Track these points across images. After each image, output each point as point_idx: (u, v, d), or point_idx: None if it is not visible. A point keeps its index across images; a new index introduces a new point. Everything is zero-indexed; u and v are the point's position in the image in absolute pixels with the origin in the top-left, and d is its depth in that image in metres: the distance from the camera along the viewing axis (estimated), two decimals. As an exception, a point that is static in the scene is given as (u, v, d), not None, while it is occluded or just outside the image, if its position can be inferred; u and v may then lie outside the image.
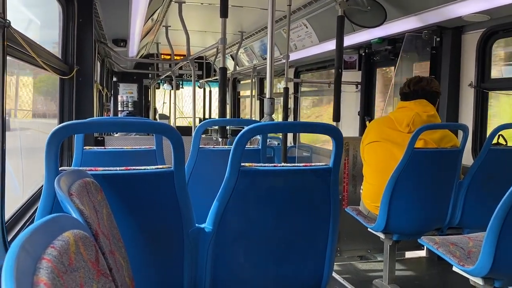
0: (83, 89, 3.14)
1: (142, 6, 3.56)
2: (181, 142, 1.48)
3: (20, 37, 1.79)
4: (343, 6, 3.35)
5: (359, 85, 4.95)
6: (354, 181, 3.49)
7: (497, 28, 3.28)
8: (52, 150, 1.31)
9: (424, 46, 3.74)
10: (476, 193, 2.74)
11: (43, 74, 3.35)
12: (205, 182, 2.41)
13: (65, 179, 1.07)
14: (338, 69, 3.42)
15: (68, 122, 1.38)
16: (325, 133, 1.71)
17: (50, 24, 3.17)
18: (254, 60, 7.28)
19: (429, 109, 2.78)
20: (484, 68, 3.44)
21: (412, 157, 2.49)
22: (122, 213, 1.44)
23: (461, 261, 1.99)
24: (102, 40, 5.30)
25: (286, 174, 1.63)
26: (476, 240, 2.19)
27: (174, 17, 4.99)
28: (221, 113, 3.45)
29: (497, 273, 1.85)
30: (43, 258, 0.59)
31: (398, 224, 2.64)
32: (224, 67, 3.50)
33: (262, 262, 1.67)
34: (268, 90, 2.88)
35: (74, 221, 0.81)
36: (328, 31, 4.62)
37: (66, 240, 0.67)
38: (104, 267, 0.81)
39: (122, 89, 9.83)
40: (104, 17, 4.15)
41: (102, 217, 1.18)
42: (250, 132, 1.57)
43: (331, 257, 1.72)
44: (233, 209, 1.57)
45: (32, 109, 3.60)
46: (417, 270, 3.44)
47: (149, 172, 1.49)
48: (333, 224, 1.68)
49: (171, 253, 1.56)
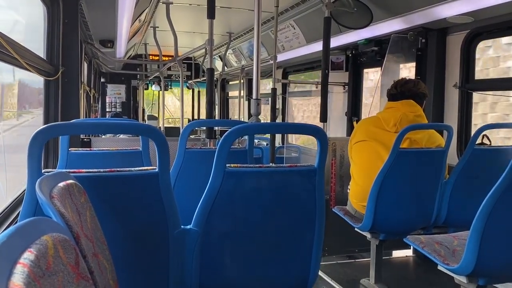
0: (69, 90, 3.10)
1: (129, 6, 3.54)
2: (166, 143, 1.48)
3: (2, 38, 1.77)
4: (330, 7, 3.37)
5: (346, 86, 4.98)
6: (341, 181, 3.51)
7: (481, 30, 3.32)
8: (34, 152, 1.30)
9: (410, 47, 3.78)
10: (461, 192, 2.77)
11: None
12: (191, 184, 2.41)
13: (46, 182, 1.06)
14: (325, 70, 3.44)
15: (50, 123, 1.37)
16: (309, 133, 1.71)
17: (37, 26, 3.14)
18: (243, 61, 7.29)
19: (416, 109, 2.81)
20: (469, 69, 3.48)
21: (397, 157, 2.52)
22: (107, 216, 1.43)
23: (446, 260, 2.01)
24: (89, 40, 5.26)
25: (271, 175, 1.63)
26: (460, 239, 2.22)
27: (162, 18, 4.97)
28: (208, 114, 3.45)
29: (481, 271, 1.87)
30: (19, 263, 0.58)
31: (385, 223, 2.66)
32: (211, 68, 3.49)
33: (248, 262, 1.68)
34: (255, 91, 2.88)
35: (55, 224, 0.81)
36: (315, 32, 4.64)
37: (44, 244, 0.67)
38: (84, 270, 0.80)
39: (110, 90, 9.76)
40: (91, 17, 4.11)
41: (85, 220, 1.17)
42: (235, 134, 1.57)
43: (317, 257, 1.72)
44: (218, 210, 1.57)
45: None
46: (404, 269, 3.47)
47: (133, 174, 1.48)
48: (319, 224, 1.69)
49: (157, 254, 1.56)
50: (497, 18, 3.10)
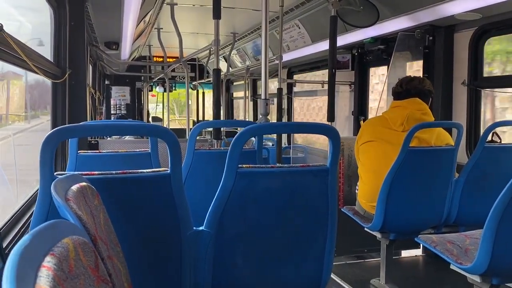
0: (76, 92, 3.10)
1: (134, 8, 3.54)
2: (178, 144, 1.47)
3: (13, 41, 1.77)
4: (336, 6, 3.35)
5: (352, 85, 4.96)
6: (349, 181, 3.49)
7: (489, 27, 3.30)
8: (46, 155, 1.29)
9: (417, 45, 3.75)
10: (471, 191, 2.75)
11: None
12: (201, 185, 2.40)
13: (61, 184, 1.06)
14: (332, 69, 3.42)
15: (62, 126, 1.36)
16: (322, 133, 1.70)
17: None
18: (247, 61, 7.27)
19: (422, 107, 2.79)
20: (477, 66, 3.45)
21: (407, 156, 2.50)
22: (119, 218, 1.42)
23: (459, 259, 1.99)
24: (94, 43, 5.27)
25: (284, 175, 1.62)
26: (472, 237, 2.20)
27: (166, 19, 4.97)
28: (215, 114, 3.44)
29: (494, 270, 1.85)
30: (43, 266, 0.57)
31: (395, 223, 2.65)
32: (218, 68, 3.48)
33: (261, 263, 1.67)
34: (263, 91, 2.87)
35: (72, 227, 0.80)
36: (321, 31, 4.62)
37: (65, 247, 0.66)
38: (104, 273, 0.79)
39: (114, 92, 9.77)
40: (96, 20, 4.12)
41: (99, 222, 1.16)
42: (247, 134, 1.56)
43: (330, 257, 1.71)
44: (231, 211, 1.56)
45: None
46: (414, 268, 3.45)
47: (146, 176, 1.47)
48: (331, 225, 1.67)
49: (170, 256, 1.55)
50: (506, 15, 3.07)
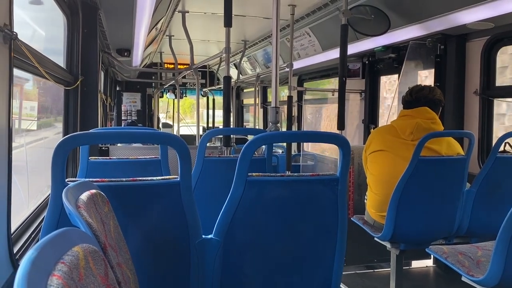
0: (88, 99, 3.14)
1: (147, 16, 3.58)
2: (188, 152, 1.47)
3: (26, 49, 1.79)
4: (347, 14, 3.35)
5: (363, 93, 4.94)
6: (359, 190, 3.47)
7: (501, 36, 3.27)
8: (58, 162, 1.30)
9: (428, 54, 3.73)
10: (483, 202, 2.71)
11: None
12: (210, 192, 2.40)
13: (72, 192, 1.06)
14: (342, 77, 3.41)
15: (75, 133, 1.38)
16: (331, 142, 1.69)
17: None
18: (258, 69, 7.29)
19: (431, 116, 2.77)
20: (489, 76, 3.42)
21: (418, 166, 2.47)
22: (129, 225, 1.43)
23: (470, 271, 1.96)
24: (106, 50, 5.33)
25: (294, 184, 1.61)
26: (484, 249, 2.17)
27: (177, 27, 5.01)
28: (225, 122, 3.45)
29: (507, 283, 1.82)
30: (54, 275, 0.58)
31: (405, 233, 2.62)
32: (228, 76, 3.49)
33: (270, 273, 1.66)
34: (273, 99, 2.86)
35: (83, 234, 0.80)
36: (331, 39, 4.62)
37: (75, 255, 0.66)
38: (113, 281, 0.79)
39: (125, 98, 9.85)
40: (108, 27, 4.16)
41: (109, 229, 1.16)
42: (257, 142, 1.56)
43: (339, 267, 1.69)
44: (240, 220, 1.56)
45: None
46: (425, 279, 3.40)
47: (155, 183, 1.48)
48: (341, 234, 1.66)
49: (178, 264, 1.55)
50: (519, 24, 3.05)
